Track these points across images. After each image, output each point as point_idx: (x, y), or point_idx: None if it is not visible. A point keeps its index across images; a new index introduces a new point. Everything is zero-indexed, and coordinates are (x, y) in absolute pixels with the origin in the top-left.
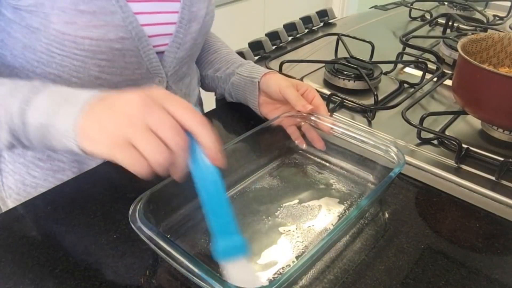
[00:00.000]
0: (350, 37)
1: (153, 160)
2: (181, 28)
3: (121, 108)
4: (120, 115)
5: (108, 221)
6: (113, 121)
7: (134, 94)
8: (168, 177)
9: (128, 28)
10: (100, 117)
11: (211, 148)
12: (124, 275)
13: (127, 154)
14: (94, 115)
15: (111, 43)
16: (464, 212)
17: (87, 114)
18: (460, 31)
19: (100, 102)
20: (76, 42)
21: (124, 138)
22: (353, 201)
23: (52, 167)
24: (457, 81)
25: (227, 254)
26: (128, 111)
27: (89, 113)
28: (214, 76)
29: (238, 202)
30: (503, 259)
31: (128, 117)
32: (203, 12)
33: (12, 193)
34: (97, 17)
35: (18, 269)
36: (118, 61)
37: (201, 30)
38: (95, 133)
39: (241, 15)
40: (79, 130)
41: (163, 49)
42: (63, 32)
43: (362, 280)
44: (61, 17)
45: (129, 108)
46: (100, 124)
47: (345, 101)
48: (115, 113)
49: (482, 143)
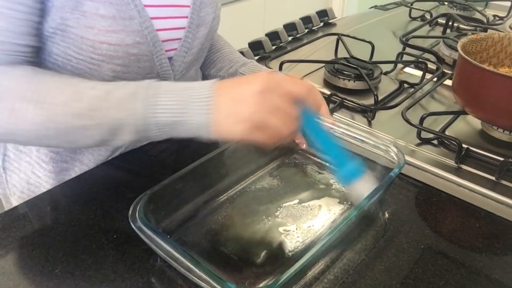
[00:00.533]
0: (350, 37)
1: (282, 133)
2: (190, 33)
3: (245, 98)
4: (246, 105)
5: (108, 221)
6: (242, 111)
7: (252, 83)
8: (168, 177)
9: (144, 33)
10: (229, 110)
11: (322, 109)
12: (124, 275)
13: (261, 134)
14: (222, 109)
15: (128, 48)
16: (464, 212)
17: (216, 110)
18: (460, 31)
19: (224, 96)
20: (94, 47)
21: (255, 123)
22: (353, 201)
23: (55, 169)
24: (457, 81)
25: (351, 177)
26: (252, 101)
27: (218, 108)
28: (217, 75)
29: (238, 202)
30: (503, 259)
31: (254, 105)
32: (211, 17)
33: (16, 191)
34: (117, 21)
35: (18, 269)
36: (133, 66)
37: (209, 34)
38: (229, 125)
39: (241, 15)
40: (213, 125)
41: (172, 54)
42: (82, 36)
43: (362, 280)
44: (81, 21)
45: (252, 98)
46: (232, 117)
47: (345, 101)
48: (241, 103)
49: (482, 143)
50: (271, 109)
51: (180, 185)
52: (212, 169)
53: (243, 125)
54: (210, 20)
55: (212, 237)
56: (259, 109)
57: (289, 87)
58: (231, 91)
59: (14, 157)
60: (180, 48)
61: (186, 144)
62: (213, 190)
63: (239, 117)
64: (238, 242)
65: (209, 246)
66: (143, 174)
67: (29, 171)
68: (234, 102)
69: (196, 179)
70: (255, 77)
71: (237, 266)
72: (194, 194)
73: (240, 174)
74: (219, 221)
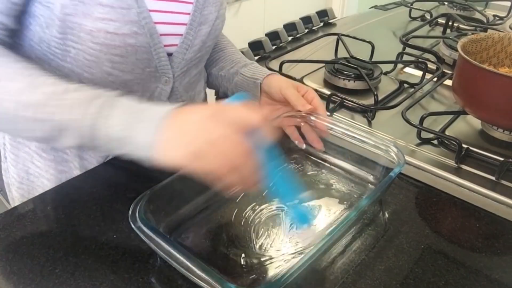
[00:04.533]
0: (350, 37)
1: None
2: (191, 30)
3: (189, 124)
4: (188, 130)
5: (108, 221)
6: (183, 136)
7: (202, 110)
8: (168, 177)
9: (142, 23)
10: (172, 134)
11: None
12: (124, 275)
13: (202, 164)
14: (167, 132)
15: (125, 37)
16: (464, 212)
17: (162, 132)
18: (460, 31)
19: (174, 120)
20: (92, 35)
21: (194, 150)
22: (353, 201)
23: (55, 158)
24: (457, 81)
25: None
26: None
27: (164, 130)
28: (218, 74)
29: (238, 202)
30: (503, 259)
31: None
32: (214, 16)
33: (14, 182)
34: (114, 10)
35: (18, 269)
36: (130, 57)
37: (211, 33)
38: (169, 149)
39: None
40: (155, 147)
41: (172, 50)
42: (80, 23)
43: (362, 280)
44: (80, 7)
45: (196, 124)
46: (173, 141)
47: (345, 101)
48: (185, 128)
49: (482, 143)
50: (213, 136)
51: (180, 185)
52: None
53: (182, 151)
54: (213, 19)
55: (212, 237)
56: (200, 135)
57: (239, 115)
58: (182, 117)
59: (12, 148)
60: (180, 45)
61: None
62: (213, 190)
63: (179, 142)
64: (238, 242)
65: (209, 246)
66: (143, 174)
67: (28, 162)
68: (179, 127)
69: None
70: (208, 106)
71: (237, 266)
72: (194, 194)
73: None
74: (219, 221)
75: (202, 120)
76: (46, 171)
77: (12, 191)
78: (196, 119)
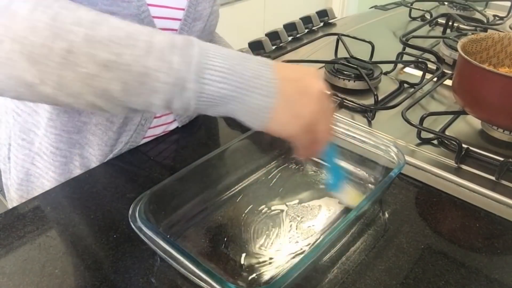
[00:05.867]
0: (350, 37)
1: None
2: (186, 26)
3: (308, 94)
4: (307, 101)
5: (108, 221)
6: (304, 106)
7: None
8: (168, 177)
9: (141, 17)
10: (291, 100)
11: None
12: (124, 275)
13: (308, 138)
14: (285, 97)
15: None
16: (464, 212)
17: (280, 95)
18: (460, 31)
19: (287, 83)
20: None
21: (310, 122)
22: None
23: (55, 161)
24: (457, 81)
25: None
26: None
27: (281, 94)
28: None
29: (238, 202)
30: (503, 259)
31: (314, 104)
32: (208, 12)
33: (14, 183)
34: (116, 2)
35: (18, 269)
36: None
37: (205, 29)
38: (287, 117)
39: (241, 15)
40: (271, 112)
41: None
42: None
43: (362, 280)
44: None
45: (314, 96)
46: (293, 109)
47: (345, 101)
48: (304, 98)
49: (482, 143)
50: (325, 113)
51: (180, 185)
52: (212, 169)
53: (300, 121)
54: (207, 15)
55: (212, 237)
56: (318, 109)
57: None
58: (293, 82)
59: (17, 146)
60: None
61: (186, 144)
62: (213, 190)
63: (299, 111)
64: (238, 242)
65: (209, 246)
66: (143, 174)
67: (29, 163)
68: (298, 94)
69: (196, 179)
70: (312, 78)
71: (237, 266)
72: (194, 194)
73: (240, 174)
74: (219, 221)
75: (316, 93)
76: (46, 172)
77: (10, 192)
78: (311, 91)
